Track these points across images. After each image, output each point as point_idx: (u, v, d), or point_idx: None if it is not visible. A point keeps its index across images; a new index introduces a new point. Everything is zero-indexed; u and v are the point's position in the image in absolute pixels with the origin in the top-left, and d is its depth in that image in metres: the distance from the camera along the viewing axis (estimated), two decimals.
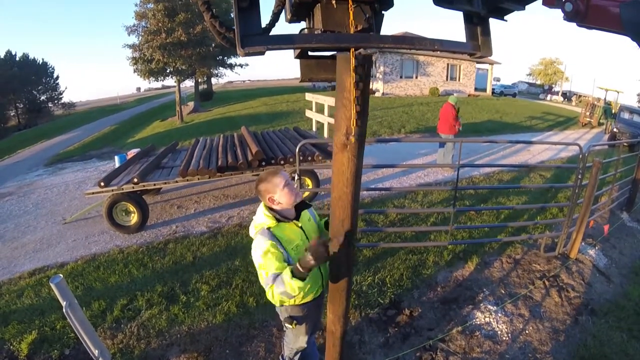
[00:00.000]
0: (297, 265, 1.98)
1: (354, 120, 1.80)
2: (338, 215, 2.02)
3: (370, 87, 28.59)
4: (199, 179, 6.07)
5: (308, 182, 6.68)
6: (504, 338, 3.78)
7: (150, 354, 3.49)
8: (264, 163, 6.35)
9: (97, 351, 2.34)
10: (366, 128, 1.90)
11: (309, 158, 6.43)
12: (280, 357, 3.07)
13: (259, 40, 1.50)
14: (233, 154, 6.68)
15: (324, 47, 1.77)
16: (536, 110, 24.64)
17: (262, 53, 1.53)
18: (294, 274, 1.99)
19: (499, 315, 4.08)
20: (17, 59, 39.17)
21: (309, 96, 12.21)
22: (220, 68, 25.44)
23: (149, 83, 24.98)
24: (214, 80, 34.35)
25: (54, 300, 4.18)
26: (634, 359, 3.53)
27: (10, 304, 4.27)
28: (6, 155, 17.10)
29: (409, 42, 1.77)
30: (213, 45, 21.15)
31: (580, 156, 4.96)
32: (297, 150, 4.48)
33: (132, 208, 5.95)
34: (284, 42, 1.55)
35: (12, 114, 39.76)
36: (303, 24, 1.99)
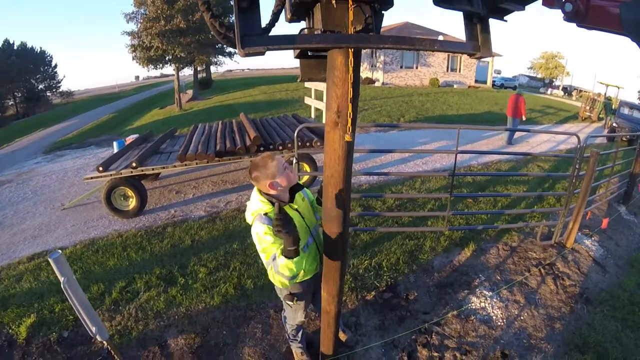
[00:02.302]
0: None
1: (345, 98, 1.80)
2: (330, 193, 2.02)
3: (370, 76, 28.49)
4: (197, 163, 6.08)
5: (306, 167, 6.68)
6: (499, 323, 3.81)
7: (148, 335, 3.52)
8: (262, 148, 6.36)
9: (94, 328, 2.34)
10: (357, 106, 1.91)
11: (307, 144, 6.42)
12: (286, 335, 3.23)
13: (259, 40, 1.52)
14: (231, 140, 6.67)
15: (324, 48, 1.79)
16: (536, 104, 24.50)
17: (262, 53, 1.55)
18: (282, 252, 2.01)
19: (495, 300, 4.11)
20: (15, 47, 38.81)
21: (308, 83, 12.16)
22: (219, 56, 25.24)
23: (148, 71, 24.83)
24: (213, 69, 34.19)
25: (52, 284, 4.21)
26: (628, 349, 3.56)
27: (9, 288, 4.29)
28: (5, 144, 17.07)
29: (408, 42, 1.77)
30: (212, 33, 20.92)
31: (579, 146, 4.96)
32: (295, 134, 4.47)
33: (130, 193, 5.95)
34: (284, 42, 1.57)
35: (10, 103, 39.54)
36: (303, 24, 2.01)
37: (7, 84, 36.64)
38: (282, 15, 1.88)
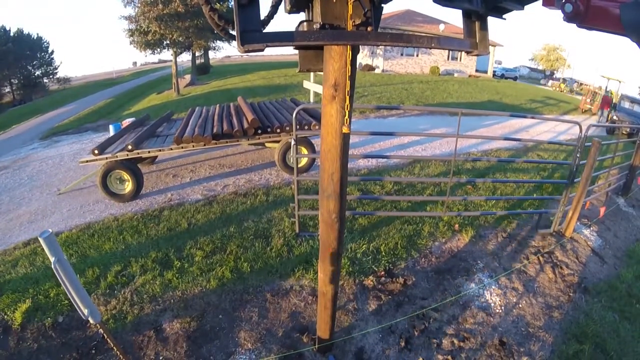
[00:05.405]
0: None
1: (343, 71, 1.78)
2: (327, 168, 1.99)
3: (370, 63, 28.35)
4: (194, 146, 5.98)
5: (304, 150, 6.61)
6: (497, 310, 3.81)
7: (143, 319, 3.50)
8: (259, 131, 6.27)
9: (86, 310, 2.29)
10: (355, 81, 1.90)
11: (306, 127, 6.33)
12: None
13: (259, 37, 1.55)
14: (229, 122, 6.56)
15: (323, 44, 1.82)
16: (537, 94, 24.42)
17: (262, 50, 1.58)
18: None
19: (493, 287, 4.10)
20: (12, 34, 38.29)
21: None
22: (218, 41, 24.94)
23: (145, 56, 24.66)
24: (211, 55, 33.81)
25: (48, 269, 4.15)
26: (626, 340, 3.58)
27: (4, 274, 4.23)
28: (1, 131, 16.93)
29: (406, 39, 1.80)
30: None
31: (580, 135, 4.89)
32: (293, 116, 4.40)
33: (126, 176, 5.86)
34: (283, 39, 1.61)
35: (6, 90, 39.14)
36: (303, 15, 2.02)
37: (3, 71, 36.20)
38: (282, 7, 1.94)
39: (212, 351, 3.21)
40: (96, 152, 5.71)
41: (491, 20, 1.92)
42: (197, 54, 28.39)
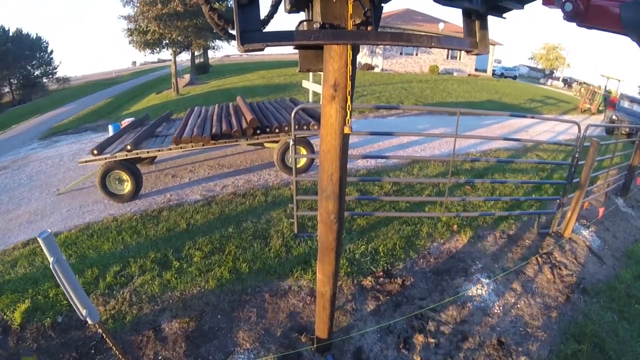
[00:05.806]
0: None
1: (343, 71, 1.79)
2: (327, 168, 1.99)
3: (370, 62, 28.38)
4: (192, 146, 5.98)
5: (303, 150, 6.61)
6: (496, 311, 3.82)
7: (142, 320, 3.50)
8: (258, 131, 6.27)
9: (85, 310, 2.29)
10: (354, 82, 1.90)
11: (305, 127, 6.33)
12: None
13: (259, 36, 1.56)
14: (228, 122, 6.56)
15: (323, 43, 1.82)
16: (536, 94, 24.41)
17: (262, 49, 1.58)
18: None
19: (491, 288, 4.11)
20: (11, 34, 38.24)
21: None
22: (217, 41, 24.94)
23: (145, 56, 24.64)
24: (210, 54, 33.75)
25: (47, 269, 4.16)
26: (624, 340, 3.59)
27: (4, 274, 4.24)
28: (0, 131, 16.91)
29: (406, 39, 1.81)
30: None
31: (579, 135, 4.90)
32: (292, 116, 4.39)
33: (125, 176, 5.85)
34: (283, 38, 1.62)
35: (6, 90, 39.07)
36: (303, 15, 2.03)
37: (2, 71, 36.13)
38: (282, 6, 1.94)
39: (211, 351, 3.22)
40: (95, 152, 5.70)
41: (491, 19, 1.92)
42: (196, 53, 28.38)
